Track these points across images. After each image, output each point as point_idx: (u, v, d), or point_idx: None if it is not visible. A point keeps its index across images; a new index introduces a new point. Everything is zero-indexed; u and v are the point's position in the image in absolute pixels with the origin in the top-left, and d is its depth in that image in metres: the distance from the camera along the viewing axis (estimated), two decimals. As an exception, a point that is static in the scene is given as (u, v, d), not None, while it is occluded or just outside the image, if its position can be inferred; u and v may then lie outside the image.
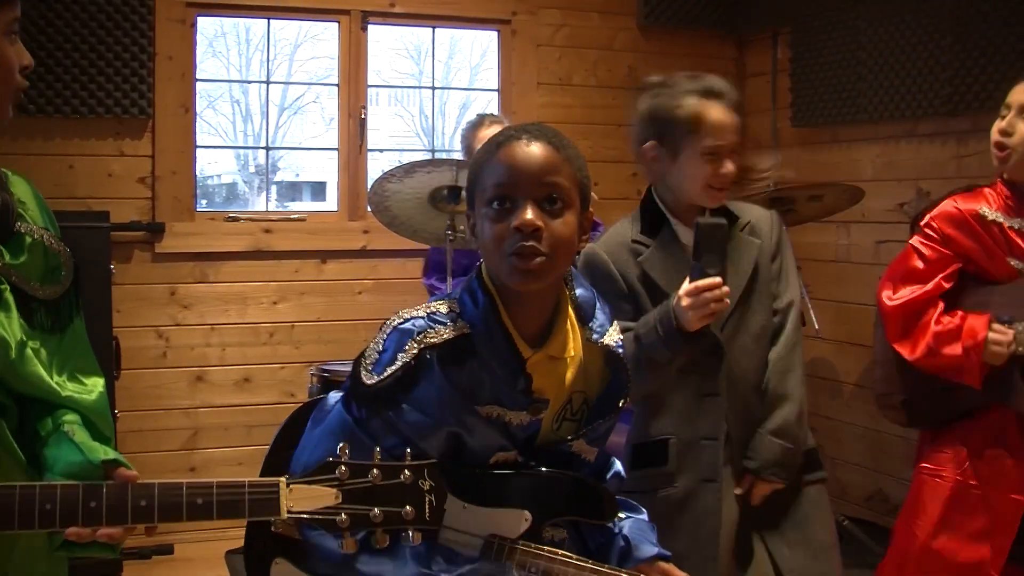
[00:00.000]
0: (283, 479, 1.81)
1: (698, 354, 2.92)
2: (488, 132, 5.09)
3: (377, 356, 2.10)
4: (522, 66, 6.21)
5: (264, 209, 6.30)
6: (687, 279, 2.79)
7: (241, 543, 2.25)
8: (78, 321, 2.20)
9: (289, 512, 1.79)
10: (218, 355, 5.57)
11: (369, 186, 4.68)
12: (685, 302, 2.75)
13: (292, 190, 11.34)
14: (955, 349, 3.36)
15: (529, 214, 2.02)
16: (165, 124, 5.42)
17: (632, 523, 2.40)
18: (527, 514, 2.14)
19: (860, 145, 5.90)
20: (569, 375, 2.22)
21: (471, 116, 5.45)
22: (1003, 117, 3.37)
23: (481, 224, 2.11)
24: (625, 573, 2.23)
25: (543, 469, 2.18)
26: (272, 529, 2.00)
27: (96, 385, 2.18)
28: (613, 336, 2.29)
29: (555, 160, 2.08)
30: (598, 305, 2.30)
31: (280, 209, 7.22)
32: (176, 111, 5.45)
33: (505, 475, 2.14)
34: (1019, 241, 3.35)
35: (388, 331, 2.13)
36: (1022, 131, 3.30)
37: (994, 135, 3.37)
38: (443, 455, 2.11)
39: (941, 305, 3.43)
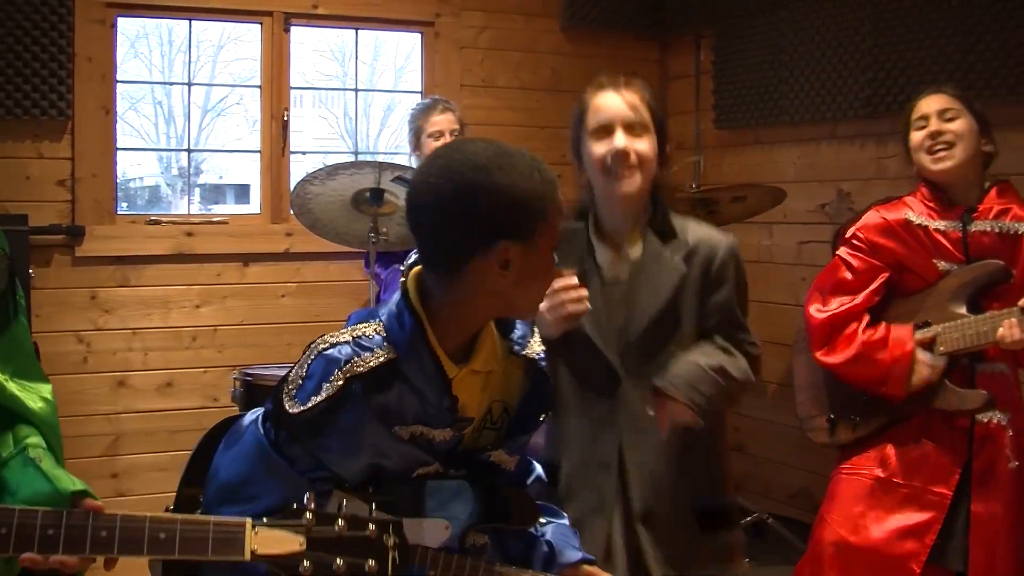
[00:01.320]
0: (249, 520, 1.79)
1: (596, 384, 2.85)
2: (441, 117, 5.09)
3: (300, 383, 2.06)
4: (445, 68, 6.21)
5: (186, 212, 6.23)
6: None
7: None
8: (18, 324, 2.16)
9: (253, 554, 1.76)
10: (140, 359, 5.50)
11: (292, 188, 4.65)
12: (541, 306, 2.50)
13: (216, 193, 11.26)
14: (883, 357, 3.41)
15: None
16: (85, 126, 5.35)
17: (554, 528, 2.42)
18: (447, 523, 2.14)
19: (782, 147, 5.97)
20: (490, 386, 2.22)
21: (412, 107, 5.42)
22: (922, 128, 3.47)
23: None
24: None
25: (460, 479, 2.17)
26: None
27: (42, 391, 2.14)
28: (535, 348, 2.29)
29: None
30: None
31: (204, 212, 7.17)
32: (96, 113, 5.38)
33: (423, 486, 2.13)
34: (944, 242, 3.42)
35: (312, 356, 2.09)
36: (955, 128, 3.41)
37: (925, 142, 3.45)
38: (363, 479, 2.11)
39: (866, 318, 3.49)
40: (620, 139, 2.83)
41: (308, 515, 1.80)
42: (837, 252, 3.61)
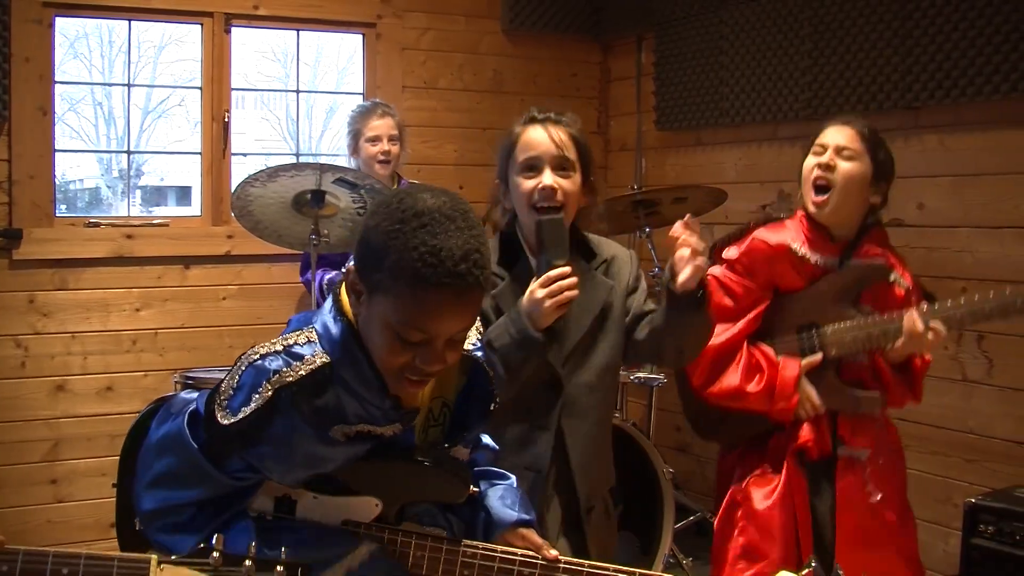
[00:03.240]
0: (155, 557, 1.77)
1: (536, 388, 2.97)
2: (380, 122, 5.11)
3: (232, 393, 2.06)
4: (387, 70, 6.20)
5: (126, 214, 6.18)
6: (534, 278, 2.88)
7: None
8: None
9: None
10: (80, 364, 5.45)
11: (233, 191, 4.63)
12: (539, 293, 2.83)
13: (157, 195, 11.16)
14: (767, 407, 3.39)
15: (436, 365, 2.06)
16: (22, 127, 5.28)
17: (494, 491, 2.45)
18: (376, 500, 2.18)
19: (723, 148, 6.01)
20: (429, 386, 2.24)
21: (352, 109, 5.44)
22: (818, 155, 3.40)
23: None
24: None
25: (386, 458, 2.19)
26: None
27: None
28: (470, 340, 2.31)
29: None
30: None
31: (145, 214, 7.10)
32: (34, 114, 5.31)
33: (354, 467, 2.15)
34: (816, 273, 3.40)
35: (244, 367, 2.09)
36: (843, 172, 3.33)
37: (814, 172, 3.37)
38: (301, 482, 2.14)
39: (745, 348, 3.44)
40: (548, 177, 2.97)
41: (216, 555, 1.79)
42: (713, 273, 3.43)
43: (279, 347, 2.08)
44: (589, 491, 3.05)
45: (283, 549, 1.89)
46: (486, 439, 2.53)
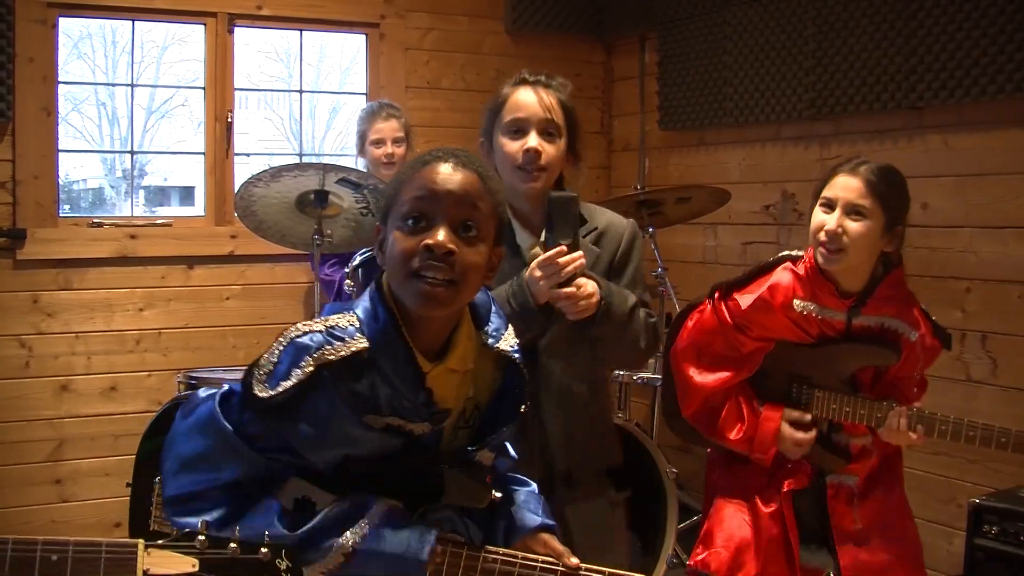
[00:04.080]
0: (142, 541, 1.78)
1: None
2: (384, 125, 5.12)
3: (272, 368, 2.07)
4: (390, 70, 6.21)
5: (130, 214, 6.18)
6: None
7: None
8: None
9: (145, 574, 1.76)
10: (83, 364, 5.45)
11: (236, 191, 4.63)
12: (537, 273, 2.81)
13: (160, 195, 11.17)
14: (749, 450, 3.38)
15: (442, 235, 2.04)
16: (26, 127, 5.29)
17: (516, 496, 2.44)
18: (397, 504, 2.15)
19: (726, 148, 6.01)
20: (465, 386, 2.23)
21: (360, 109, 5.46)
22: (826, 211, 3.24)
23: (391, 239, 2.11)
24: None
25: (409, 461, 2.17)
26: None
27: None
28: (509, 341, 2.30)
29: (478, 188, 2.10)
30: (493, 309, 2.32)
31: (148, 214, 7.10)
32: (38, 114, 5.32)
33: (377, 468, 2.14)
34: (827, 329, 3.31)
35: (284, 343, 2.09)
36: (853, 233, 3.16)
37: (824, 231, 3.19)
38: (332, 466, 2.13)
39: (732, 396, 3.40)
40: (533, 140, 2.98)
41: (202, 538, 1.80)
42: (719, 314, 3.38)
43: (321, 327, 2.09)
44: (568, 460, 3.02)
45: (266, 534, 1.89)
46: (508, 447, 2.50)
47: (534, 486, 2.52)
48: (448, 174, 2.08)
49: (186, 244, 5.71)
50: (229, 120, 5.83)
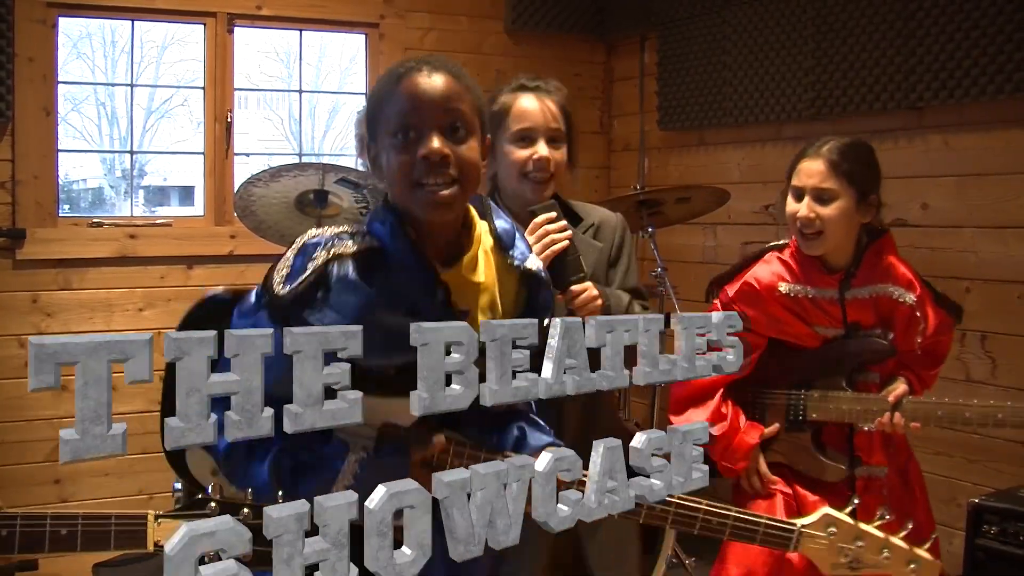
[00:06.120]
0: (151, 512, 1.79)
1: None
2: None
3: (288, 270, 2.11)
4: (391, 70, 6.19)
5: (129, 214, 6.18)
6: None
7: (107, 556, 2.21)
8: None
9: (156, 545, 1.76)
10: (83, 363, 5.43)
11: (235, 191, 4.63)
12: (529, 240, 2.83)
13: (160, 195, 11.19)
14: (718, 453, 3.37)
15: (436, 142, 2.07)
16: (25, 127, 5.29)
17: (527, 418, 2.43)
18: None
19: (726, 148, 6.01)
20: (483, 300, 2.24)
21: (358, 110, 5.44)
22: (798, 197, 3.27)
23: (386, 156, 2.14)
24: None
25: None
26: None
27: None
28: (535, 262, 2.34)
29: (457, 88, 2.14)
30: (518, 235, 2.35)
31: (148, 214, 7.10)
32: (37, 114, 5.32)
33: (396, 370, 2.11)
34: (821, 311, 3.33)
35: (296, 248, 2.14)
36: (826, 216, 3.21)
37: (798, 218, 3.24)
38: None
39: (718, 396, 3.41)
40: (543, 149, 3.05)
41: (212, 504, 1.81)
42: (712, 309, 3.38)
43: (329, 232, 2.14)
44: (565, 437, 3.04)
45: (279, 494, 1.88)
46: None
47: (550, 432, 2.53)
48: (427, 83, 2.12)
49: (186, 244, 5.71)
50: (229, 120, 5.83)
